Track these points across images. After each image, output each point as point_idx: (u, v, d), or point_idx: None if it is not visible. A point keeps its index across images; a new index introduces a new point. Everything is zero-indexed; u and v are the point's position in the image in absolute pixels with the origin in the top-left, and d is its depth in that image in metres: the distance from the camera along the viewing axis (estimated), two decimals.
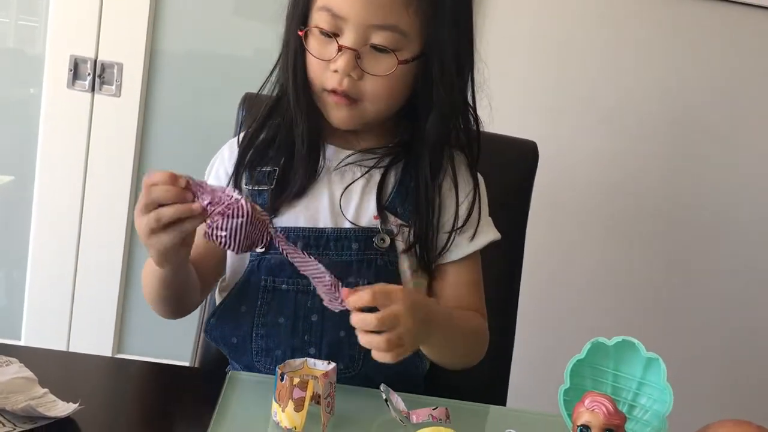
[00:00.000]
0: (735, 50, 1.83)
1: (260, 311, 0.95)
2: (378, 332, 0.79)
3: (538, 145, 1.24)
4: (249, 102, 1.19)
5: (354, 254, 0.94)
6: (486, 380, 1.19)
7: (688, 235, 1.89)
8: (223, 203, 0.77)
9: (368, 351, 0.94)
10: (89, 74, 1.77)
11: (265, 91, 1.01)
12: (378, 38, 0.90)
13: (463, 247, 0.98)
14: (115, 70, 1.77)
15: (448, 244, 0.98)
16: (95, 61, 1.77)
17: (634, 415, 0.77)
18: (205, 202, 0.77)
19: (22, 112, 1.82)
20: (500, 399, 1.19)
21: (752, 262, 1.91)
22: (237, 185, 0.98)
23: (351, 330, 0.93)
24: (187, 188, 0.77)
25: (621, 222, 1.87)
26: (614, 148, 1.85)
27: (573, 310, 1.88)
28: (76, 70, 1.77)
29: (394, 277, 0.95)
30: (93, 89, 1.78)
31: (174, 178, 0.77)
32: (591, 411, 0.68)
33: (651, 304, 1.90)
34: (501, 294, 1.19)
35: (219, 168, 1.02)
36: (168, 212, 0.77)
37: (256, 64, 1.88)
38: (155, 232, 0.78)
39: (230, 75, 1.81)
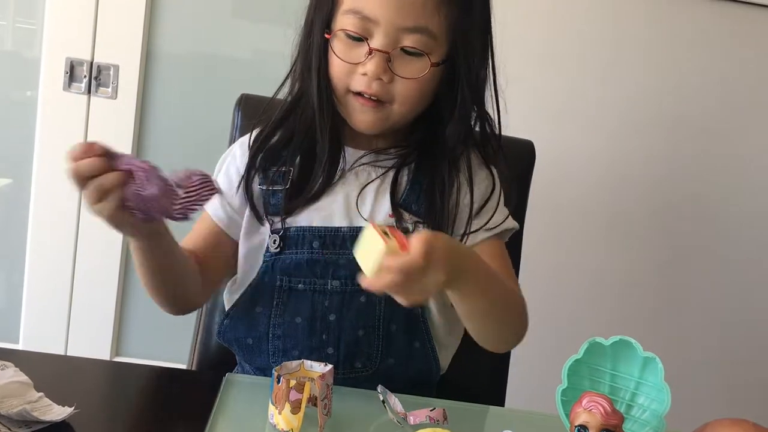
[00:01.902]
0: (734, 50, 1.82)
1: (276, 311, 0.95)
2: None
3: (536, 146, 1.24)
4: (245, 103, 1.19)
5: None
6: (485, 381, 1.19)
7: (686, 235, 1.89)
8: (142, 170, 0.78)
9: (386, 351, 0.95)
10: (85, 76, 1.76)
11: (280, 95, 1.01)
12: (409, 41, 0.91)
13: (480, 233, 0.97)
14: (111, 72, 1.77)
15: (467, 231, 0.96)
16: (91, 64, 1.77)
17: (632, 415, 0.76)
18: (124, 166, 0.79)
19: (18, 115, 1.82)
20: (498, 399, 1.19)
21: (750, 262, 1.91)
22: (248, 186, 0.98)
23: (369, 329, 0.94)
24: (106, 155, 0.79)
25: (619, 223, 1.87)
26: (612, 148, 1.84)
27: (570, 311, 1.87)
28: (72, 73, 1.76)
29: None
30: (89, 91, 1.77)
31: (91, 148, 0.79)
32: (588, 411, 0.68)
33: (648, 303, 1.90)
34: None
35: (230, 166, 1.02)
36: (106, 181, 0.78)
37: (253, 66, 1.89)
38: (96, 202, 0.80)
39: (227, 77, 1.81)
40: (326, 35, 0.94)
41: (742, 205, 1.88)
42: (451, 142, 0.97)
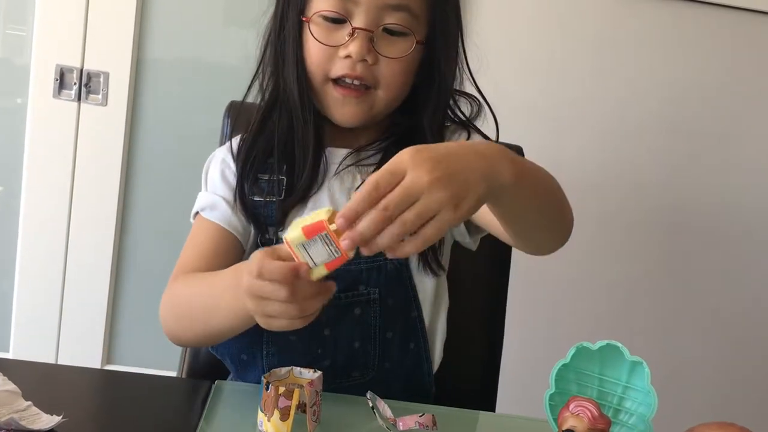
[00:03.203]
0: (725, 53, 1.83)
1: None
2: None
3: (525, 150, 1.24)
4: (234, 110, 1.18)
5: (363, 262, 0.91)
6: (475, 386, 1.19)
7: (677, 240, 1.90)
8: None
9: (381, 357, 0.94)
10: (75, 83, 1.76)
11: (250, 98, 0.99)
12: (392, 19, 0.89)
13: None
14: (102, 79, 1.77)
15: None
16: (81, 71, 1.76)
17: (620, 419, 0.77)
18: None
19: (8, 122, 1.82)
20: (489, 405, 1.19)
21: (744, 266, 1.91)
22: (243, 198, 0.95)
23: (365, 339, 0.92)
24: None
25: (608, 228, 1.88)
26: (603, 152, 1.85)
27: (559, 316, 1.88)
28: (62, 80, 1.76)
29: (406, 282, 0.94)
30: (79, 98, 1.77)
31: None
32: (576, 415, 0.69)
33: (637, 308, 1.91)
34: (489, 300, 1.19)
35: (226, 173, 0.98)
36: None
37: (243, 72, 1.87)
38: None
39: (218, 83, 1.80)
40: (303, 18, 0.91)
41: (734, 208, 1.89)
42: (429, 130, 0.96)
